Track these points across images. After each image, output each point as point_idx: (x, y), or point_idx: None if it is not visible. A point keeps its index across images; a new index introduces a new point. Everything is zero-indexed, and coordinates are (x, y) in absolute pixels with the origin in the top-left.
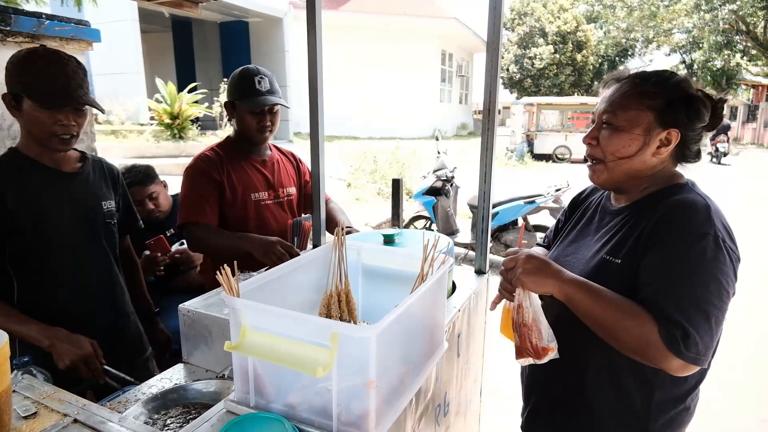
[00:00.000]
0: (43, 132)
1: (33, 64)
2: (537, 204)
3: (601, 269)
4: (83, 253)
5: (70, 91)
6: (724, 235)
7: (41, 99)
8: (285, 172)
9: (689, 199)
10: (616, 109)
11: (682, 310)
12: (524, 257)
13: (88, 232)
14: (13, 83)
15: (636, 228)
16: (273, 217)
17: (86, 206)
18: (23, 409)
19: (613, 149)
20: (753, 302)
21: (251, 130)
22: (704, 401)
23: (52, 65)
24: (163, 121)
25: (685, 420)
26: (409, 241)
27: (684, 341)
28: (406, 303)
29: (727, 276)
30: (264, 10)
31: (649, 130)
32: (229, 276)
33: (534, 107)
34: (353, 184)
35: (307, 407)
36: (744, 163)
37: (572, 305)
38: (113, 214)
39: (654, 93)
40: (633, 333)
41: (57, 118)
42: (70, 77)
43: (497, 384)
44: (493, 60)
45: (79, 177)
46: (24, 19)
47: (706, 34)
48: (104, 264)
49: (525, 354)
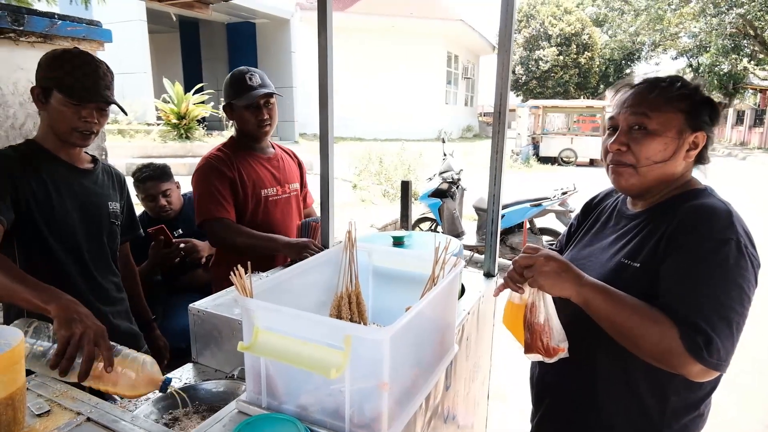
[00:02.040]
0: (66, 126)
1: (67, 61)
2: (543, 207)
3: (618, 273)
4: (86, 247)
5: (99, 89)
6: (746, 240)
7: (71, 93)
8: (289, 168)
9: (710, 204)
10: (649, 112)
11: (704, 316)
12: (544, 258)
13: (93, 227)
14: (45, 78)
15: (655, 232)
16: (281, 212)
17: (94, 203)
18: (37, 407)
19: (649, 153)
20: (763, 307)
21: (251, 125)
22: (714, 407)
23: (85, 65)
24: (169, 121)
25: (698, 426)
26: (419, 243)
27: (707, 348)
28: (419, 305)
29: (749, 282)
30: (271, 11)
31: (681, 132)
32: (242, 276)
33: (540, 110)
34: (359, 185)
35: (319, 408)
36: (752, 167)
37: (590, 310)
38: (118, 216)
39: (682, 96)
40: (654, 339)
41: (82, 114)
42: (100, 77)
43: (504, 387)
44: (504, 62)
45: (90, 175)
46: (37, 19)
47: (713, 38)
48: (104, 262)
49: (535, 351)
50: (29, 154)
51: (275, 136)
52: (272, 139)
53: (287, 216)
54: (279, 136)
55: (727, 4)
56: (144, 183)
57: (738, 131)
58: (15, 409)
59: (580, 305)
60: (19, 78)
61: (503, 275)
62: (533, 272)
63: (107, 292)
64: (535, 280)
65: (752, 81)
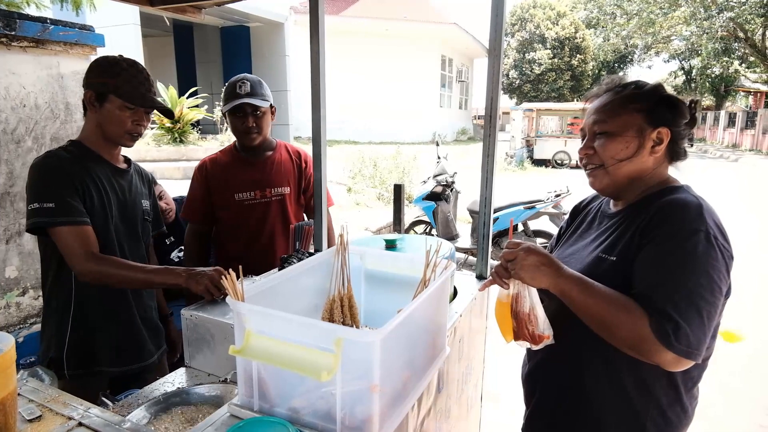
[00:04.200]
0: (120, 128)
1: (124, 69)
2: (537, 209)
3: (595, 266)
4: (126, 243)
5: (152, 95)
6: (716, 232)
7: (131, 98)
8: (280, 172)
9: (681, 198)
10: (606, 118)
11: (673, 303)
12: (524, 251)
13: (130, 222)
14: (100, 83)
15: (630, 227)
16: (256, 216)
17: (132, 200)
18: (28, 413)
19: (611, 153)
20: (751, 308)
21: (237, 133)
22: (703, 406)
23: (139, 74)
24: (163, 125)
25: (683, 423)
26: (411, 246)
27: (674, 334)
28: (410, 308)
29: (719, 272)
30: (265, 14)
31: (641, 130)
32: (233, 280)
33: (533, 113)
34: (353, 188)
35: (310, 411)
36: (743, 169)
37: (567, 300)
38: (149, 213)
39: (636, 96)
40: (626, 327)
41: (135, 118)
42: (151, 84)
43: (497, 387)
44: (494, 66)
45: (126, 174)
46: (29, 23)
47: (704, 41)
48: (140, 257)
49: (522, 338)
50: (79, 155)
51: None
52: None
53: (265, 220)
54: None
55: (717, 8)
56: None
57: (730, 133)
58: (6, 415)
59: (558, 296)
60: (11, 83)
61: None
62: (515, 265)
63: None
64: (517, 273)
65: (743, 83)
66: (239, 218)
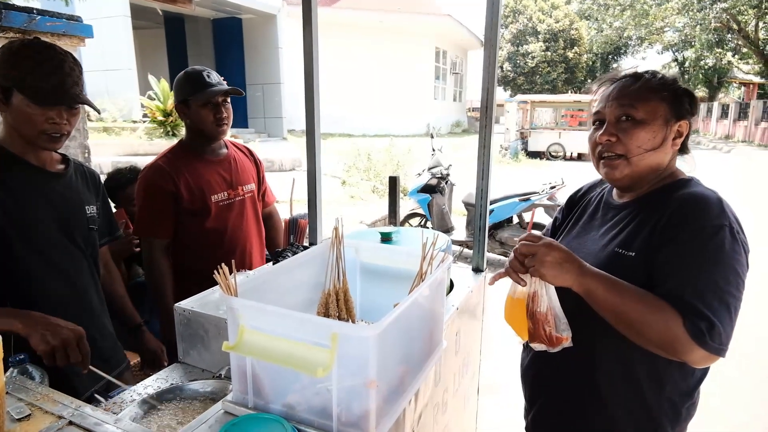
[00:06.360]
0: (33, 129)
1: (28, 58)
2: (532, 201)
3: (613, 262)
4: (62, 257)
5: (65, 88)
6: (737, 226)
7: (35, 95)
8: (243, 168)
9: (701, 193)
10: (635, 103)
11: (706, 302)
12: (546, 247)
13: (69, 235)
14: (4, 76)
15: (648, 221)
16: (235, 217)
17: (70, 209)
18: (17, 411)
19: (639, 142)
20: (750, 299)
21: (208, 124)
22: (701, 396)
23: (48, 61)
24: (155, 118)
25: (691, 414)
26: (407, 239)
27: (710, 333)
28: (406, 302)
29: (743, 266)
30: (257, 6)
31: (667, 121)
32: (226, 275)
33: (528, 105)
34: (348, 181)
35: (306, 407)
36: (736, 160)
37: (592, 299)
38: (95, 220)
39: (663, 85)
40: (658, 327)
41: (49, 116)
42: (67, 74)
43: (495, 380)
44: (490, 57)
45: (63, 178)
46: (15, 14)
47: (697, 33)
48: (83, 270)
49: (538, 340)
50: None
51: (263, 133)
52: (260, 136)
53: (243, 221)
54: (267, 133)
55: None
56: (125, 188)
57: (723, 125)
58: None
59: (581, 295)
60: None
61: (492, 270)
62: (535, 261)
63: (90, 304)
64: (537, 270)
65: (736, 75)
66: (218, 221)
